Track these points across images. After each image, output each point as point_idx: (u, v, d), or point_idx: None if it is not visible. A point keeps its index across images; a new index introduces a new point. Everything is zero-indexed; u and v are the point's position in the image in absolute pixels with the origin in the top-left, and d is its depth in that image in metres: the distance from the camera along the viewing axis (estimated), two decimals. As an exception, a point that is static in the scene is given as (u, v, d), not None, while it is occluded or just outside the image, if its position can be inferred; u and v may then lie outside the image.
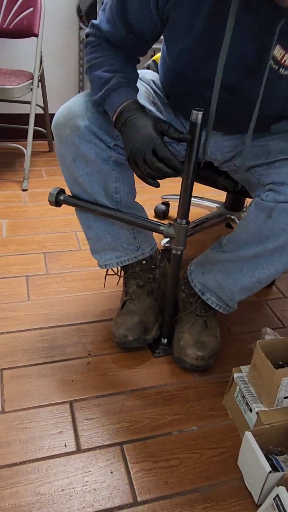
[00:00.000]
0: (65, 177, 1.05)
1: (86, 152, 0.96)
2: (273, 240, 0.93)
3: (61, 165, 1.03)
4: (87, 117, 0.94)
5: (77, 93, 2.50)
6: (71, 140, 0.95)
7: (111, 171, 1.00)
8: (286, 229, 0.90)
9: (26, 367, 1.09)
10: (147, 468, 0.89)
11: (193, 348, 1.07)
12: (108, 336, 1.20)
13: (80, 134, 0.94)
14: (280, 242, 0.92)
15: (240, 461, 0.90)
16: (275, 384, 0.89)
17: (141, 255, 1.15)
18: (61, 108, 0.98)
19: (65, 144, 0.97)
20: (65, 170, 1.03)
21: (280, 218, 0.90)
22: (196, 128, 0.87)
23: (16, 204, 1.85)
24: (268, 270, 0.98)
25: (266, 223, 0.92)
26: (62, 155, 1.00)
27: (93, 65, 0.93)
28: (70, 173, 1.02)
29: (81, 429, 0.95)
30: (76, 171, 0.99)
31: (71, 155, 0.98)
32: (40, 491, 0.83)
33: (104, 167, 0.99)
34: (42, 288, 1.37)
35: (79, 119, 0.94)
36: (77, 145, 0.95)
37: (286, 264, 0.96)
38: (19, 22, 2.01)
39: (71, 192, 1.07)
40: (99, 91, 0.91)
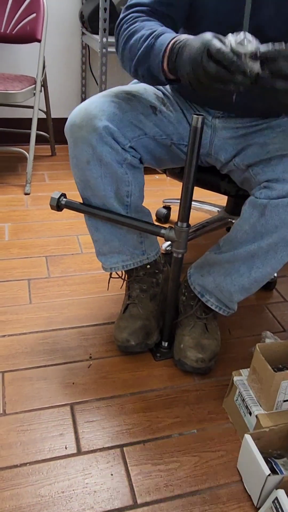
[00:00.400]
0: (76, 179, 1.05)
1: (102, 153, 0.96)
2: (267, 238, 0.94)
3: (74, 167, 1.03)
4: (104, 117, 0.95)
5: (80, 98, 2.54)
6: (89, 141, 0.96)
7: (124, 175, 1.00)
8: (279, 225, 0.91)
9: (28, 370, 1.09)
10: (147, 470, 0.89)
11: (194, 350, 1.08)
12: (109, 339, 1.21)
13: (98, 134, 0.95)
14: (274, 239, 0.93)
15: (240, 464, 0.90)
16: (274, 387, 0.89)
17: (146, 260, 1.16)
18: (76, 109, 0.99)
19: (81, 145, 0.97)
20: (77, 172, 1.02)
21: (273, 215, 0.90)
22: (197, 133, 0.88)
23: (18, 208, 1.86)
24: (264, 269, 0.98)
25: (259, 220, 0.93)
26: (76, 156, 1.00)
27: (134, 31, 0.90)
28: (83, 175, 1.01)
29: (81, 431, 0.96)
30: (89, 173, 0.99)
31: (86, 157, 0.98)
32: (40, 493, 0.84)
33: (118, 170, 0.99)
34: (44, 291, 1.37)
35: (96, 119, 0.95)
36: (94, 146, 0.95)
37: (281, 261, 0.96)
38: (22, 27, 2.03)
39: (81, 195, 1.07)
40: (142, 46, 0.86)
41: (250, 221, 0.95)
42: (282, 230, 0.91)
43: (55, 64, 2.37)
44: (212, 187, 1.29)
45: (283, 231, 0.91)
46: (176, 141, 1.08)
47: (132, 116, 0.99)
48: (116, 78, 2.45)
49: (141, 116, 1.01)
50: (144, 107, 1.02)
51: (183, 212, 0.98)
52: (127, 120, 0.98)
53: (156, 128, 1.04)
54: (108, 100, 0.97)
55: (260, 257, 0.97)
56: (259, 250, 0.96)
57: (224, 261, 1.04)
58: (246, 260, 0.99)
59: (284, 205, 0.89)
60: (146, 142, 1.03)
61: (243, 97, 0.91)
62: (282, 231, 0.91)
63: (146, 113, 1.02)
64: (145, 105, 1.02)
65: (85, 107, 0.97)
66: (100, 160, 0.97)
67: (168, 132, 1.06)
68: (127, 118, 0.98)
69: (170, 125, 1.06)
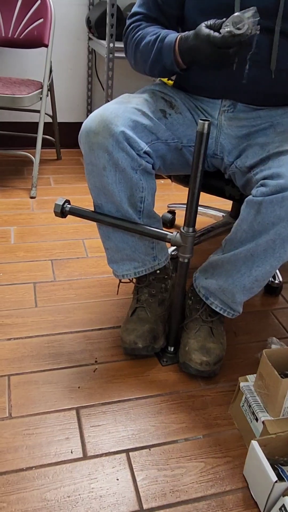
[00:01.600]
0: (91, 186, 1.05)
1: (118, 159, 0.97)
2: (264, 235, 0.93)
3: (89, 173, 1.03)
4: (120, 123, 0.96)
5: (86, 103, 2.56)
6: (105, 146, 0.96)
7: (139, 181, 1.01)
8: (275, 222, 0.90)
9: (33, 373, 1.09)
10: (153, 476, 0.89)
11: (198, 353, 1.08)
12: (114, 343, 1.21)
13: (115, 140, 0.96)
14: (271, 236, 0.93)
15: (246, 471, 0.90)
16: (281, 393, 0.89)
17: (157, 265, 1.16)
18: (91, 116, 1.00)
19: (97, 151, 0.98)
20: (93, 178, 1.03)
21: (268, 212, 0.90)
22: (203, 138, 0.89)
23: (24, 212, 1.87)
24: (264, 267, 0.98)
25: (256, 219, 0.93)
26: (92, 162, 1.00)
27: (140, 39, 1.07)
28: (99, 181, 1.02)
29: (87, 435, 0.96)
30: (105, 179, 1.00)
31: (103, 163, 0.98)
32: (46, 497, 0.84)
33: (133, 176, 1.00)
34: (50, 295, 1.38)
35: (113, 125, 0.96)
36: (110, 151, 0.96)
37: (280, 259, 0.96)
38: (30, 32, 2.05)
39: (94, 202, 1.07)
40: (152, 51, 1.03)
41: (247, 220, 0.96)
42: (278, 227, 0.91)
43: (62, 69, 2.39)
44: (217, 192, 1.29)
45: (279, 228, 0.91)
46: (186, 143, 1.09)
47: (146, 121, 1.00)
48: (122, 83, 2.46)
49: (153, 121, 1.02)
50: (155, 111, 1.03)
51: (189, 217, 0.99)
52: (141, 125, 0.99)
53: (168, 132, 1.05)
54: (122, 107, 0.99)
55: (259, 255, 0.97)
56: (258, 248, 0.96)
57: (226, 262, 1.04)
58: (246, 259, 1.00)
59: (279, 201, 0.88)
60: (159, 147, 1.04)
61: (249, 82, 1.06)
62: (278, 228, 0.91)
63: (157, 117, 1.03)
64: (156, 109, 1.04)
65: (101, 114, 0.98)
66: (116, 166, 0.98)
67: (179, 135, 1.07)
68: (141, 123, 0.99)
69: (181, 127, 1.07)
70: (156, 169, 1.08)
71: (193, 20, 1.03)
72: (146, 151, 1.00)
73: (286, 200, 0.87)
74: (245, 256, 0.99)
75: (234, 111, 1.11)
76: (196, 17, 1.03)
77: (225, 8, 0.99)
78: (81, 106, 2.52)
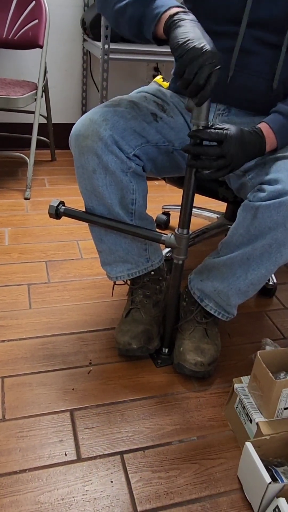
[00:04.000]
0: (82, 188, 1.05)
1: (108, 162, 0.97)
2: (261, 240, 0.94)
3: (79, 176, 1.03)
4: (108, 126, 0.96)
5: (80, 104, 2.55)
6: (95, 150, 0.96)
7: (129, 183, 1.01)
8: (272, 227, 0.91)
9: (27, 375, 1.09)
10: (147, 478, 0.89)
11: (193, 353, 1.08)
12: (109, 345, 1.20)
13: (104, 143, 0.96)
14: (268, 240, 0.93)
15: (240, 472, 0.90)
16: (275, 395, 0.89)
17: (151, 267, 1.16)
18: (81, 119, 1.00)
19: (87, 154, 0.98)
20: (83, 181, 1.03)
21: (265, 216, 0.90)
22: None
23: (19, 213, 1.86)
24: (259, 270, 0.99)
25: (253, 223, 0.93)
26: (82, 166, 1.00)
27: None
28: (89, 184, 1.02)
29: (81, 438, 0.95)
30: (96, 182, 1.00)
31: (92, 166, 0.98)
32: (40, 500, 0.83)
33: (123, 178, 1.00)
34: (44, 296, 1.37)
35: (101, 129, 0.96)
36: (100, 154, 0.96)
37: (276, 263, 0.97)
38: (24, 33, 2.04)
39: (86, 205, 1.07)
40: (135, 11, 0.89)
41: (244, 224, 0.96)
42: (275, 232, 0.91)
43: (57, 70, 2.39)
44: (211, 194, 1.30)
45: (275, 233, 0.91)
46: (178, 146, 1.09)
47: (135, 124, 1.00)
48: (117, 85, 2.46)
49: (143, 124, 1.02)
50: (145, 115, 1.03)
51: (183, 219, 0.99)
52: (131, 128, 0.99)
53: (159, 135, 1.04)
54: (111, 110, 0.98)
55: (256, 259, 0.97)
56: (254, 252, 0.96)
57: (221, 265, 1.05)
58: (242, 263, 1.00)
59: (276, 207, 0.89)
60: (148, 150, 1.03)
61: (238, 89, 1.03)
62: (274, 233, 0.91)
63: (148, 121, 1.03)
64: (147, 113, 1.03)
65: (90, 117, 0.98)
66: (106, 169, 0.98)
67: (170, 138, 1.07)
68: (131, 126, 0.99)
69: (172, 131, 1.07)
70: (148, 171, 1.08)
71: None
72: (135, 154, 1.00)
73: (283, 205, 0.88)
74: (241, 260, 1.00)
75: (229, 115, 1.11)
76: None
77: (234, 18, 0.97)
78: (76, 107, 2.52)
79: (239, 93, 1.05)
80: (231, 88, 1.05)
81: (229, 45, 1.00)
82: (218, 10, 0.99)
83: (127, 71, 2.49)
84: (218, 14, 0.99)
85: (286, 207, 0.87)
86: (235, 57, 1.00)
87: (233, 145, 0.87)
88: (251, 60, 1.01)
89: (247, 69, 1.02)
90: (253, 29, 0.98)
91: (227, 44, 1.00)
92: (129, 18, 0.92)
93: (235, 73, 1.02)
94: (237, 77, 1.03)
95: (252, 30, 0.98)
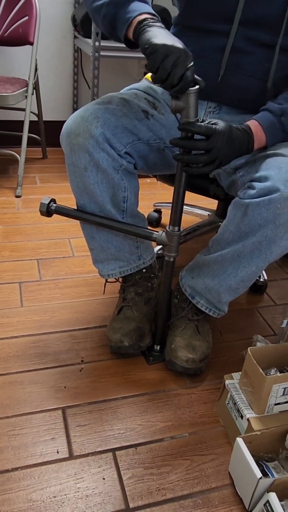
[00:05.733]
0: (73, 186, 1.05)
1: (99, 160, 0.97)
2: (251, 237, 0.94)
3: (71, 174, 1.03)
4: (99, 124, 0.96)
5: (71, 102, 2.54)
6: (86, 147, 0.96)
7: (121, 181, 1.01)
8: (262, 224, 0.91)
9: (19, 374, 1.09)
10: (139, 474, 0.89)
11: (184, 350, 1.09)
12: (101, 342, 1.20)
13: (95, 141, 0.96)
14: (258, 238, 0.93)
15: (231, 468, 0.91)
16: (265, 391, 0.90)
17: (143, 264, 1.17)
18: (72, 117, 1.00)
19: (78, 152, 0.98)
20: (75, 179, 1.03)
21: (255, 214, 0.91)
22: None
23: (10, 211, 1.85)
24: (250, 268, 0.99)
25: (243, 220, 0.94)
26: (74, 163, 1.00)
27: None
28: (81, 182, 1.02)
29: (73, 435, 0.96)
30: (87, 180, 1.00)
31: (84, 164, 0.98)
32: (32, 498, 0.83)
33: (115, 176, 1.00)
34: (35, 294, 1.37)
35: (92, 126, 0.96)
36: (91, 152, 0.96)
37: (266, 260, 0.97)
38: (15, 30, 2.03)
39: (77, 202, 1.07)
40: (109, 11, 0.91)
41: (234, 222, 0.96)
42: (265, 229, 0.92)
43: (47, 67, 2.37)
44: (202, 191, 1.30)
45: (265, 230, 0.92)
46: (168, 144, 1.09)
47: (127, 122, 1.00)
48: (108, 82, 2.46)
49: (135, 121, 1.02)
50: (137, 112, 1.03)
51: (174, 216, 0.99)
52: (122, 125, 0.99)
53: (150, 132, 1.04)
54: (102, 107, 0.98)
55: (246, 256, 0.98)
56: (244, 249, 0.97)
57: (212, 262, 1.05)
58: (232, 260, 1.00)
59: (266, 204, 0.89)
60: (140, 147, 1.03)
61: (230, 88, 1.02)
62: (264, 230, 0.92)
63: (139, 118, 1.03)
64: (138, 110, 1.03)
65: (81, 115, 0.98)
66: (97, 167, 0.98)
67: (161, 136, 1.07)
68: (122, 124, 0.99)
69: (163, 128, 1.07)
70: (139, 169, 1.08)
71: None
72: (127, 152, 1.00)
73: (273, 202, 0.88)
74: (231, 257, 1.00)
75: (220, 112, 1.11)
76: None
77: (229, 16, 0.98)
78: (67, 104, 2.51)
79: (231, 92, 1.06)
80: (223, 87, 1.05)
81: (221, 43, 1.00)
82: (213, 7, 0.99)
83: (118, 69, 2.49)
84: (212, 11, 0.99)
85: (276, 205, 0.88)
86: (226, 56, 1.00)
87: (221, 139, 0.87)
88: (243, 59, 1.01)
89: (240, 68, 1.02)
90: (246, 28, 0.98)
91: (218, 43, 1.00)
92: (103, 17, 0.94)
93: (227, 72, 1.02)
94: (229, 76, 1.03)
95: (245, 29, 0.98)
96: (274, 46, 0.99)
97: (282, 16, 0.95)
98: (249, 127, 0.94)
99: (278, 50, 0.99)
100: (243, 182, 1.00)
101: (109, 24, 0.93)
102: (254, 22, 0.97)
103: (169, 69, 0.79)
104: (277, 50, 0.99)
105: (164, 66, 0.78)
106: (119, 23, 0.90)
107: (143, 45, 0.82)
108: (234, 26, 0.98)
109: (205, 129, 0.86)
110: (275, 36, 0.98)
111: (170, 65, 0.78)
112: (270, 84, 1.02)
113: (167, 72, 0.79)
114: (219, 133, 0.87)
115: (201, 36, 1.02)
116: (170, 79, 0.79)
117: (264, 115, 0.96)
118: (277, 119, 0.96)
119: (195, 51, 0.83)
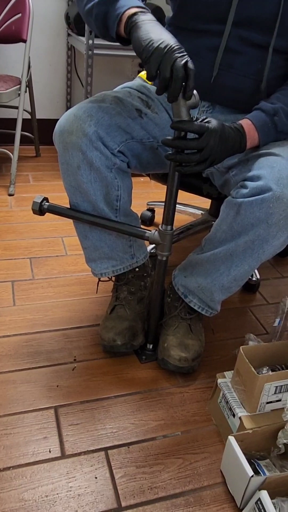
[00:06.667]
0: (66, 185, 1.05)
1: (92, 158, 0.97)
2: (244, 236, 0.95)
3: (64, 172, 1.03)
4: (93, 122, 0.96)
5: (65, 99, 2.53)
6: (79, 146, 0.96)
7: (114, 180, 1.01)
8: (255, 223, 0.91)
9: (11, 373, 1.08)
10: (132, 473, 0.90)
11: (177, 349, 1.09)
12: (93, 341, 1.20)
13: (88, 139, 0.95)
14: (250, 237, 0.94)
15: (223, 466, 0.91)
16: (257, 389, 0.90)
17: (136, 263, 1.17)
18: (65, 115, 0.99)
19: (71, 150, 0.97)
20: (68, 177, 1.02)
21: (247, 213, 0.91)
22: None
23: (2, 209, 1.84)
24: (242, 266, 0.99)
25: (236, 219, 0.94)
26: (67, 162, 1.00)
27: None
28: (74, 180, 1.01)
29: (65, 434, 0.95)
30: (80, 178, 1.00)
31: (77, 162, 0.98)
32: (24, 497, 0.83)
33: (108, 175, 1.00)
34: (28, 293, 1.36)
35: (86, 125, 0.95)
36: (84, 150, 0.96)
37: (258, 259, 0.98)
38: (7, 27, 2.01)
39: (70, 201, 1.07)
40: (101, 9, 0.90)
41: (227, 221, 0.97)
42: (257, 228, 0.92)
43: (41, 64, 2.36)
44: (195, 190, 1.30)
45: (258, 229, 0.92)
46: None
47: (120, 120, 1.00)
48: (102, 80, 2.45)
49: (128, 120, 1.01)
50: (130, 111, 1.03)
51: (167, 215, 0.99)
52: (115, 124, 0.99)
53: (143, 131, 1.04)
54: (95, 106, 0.98)
55: (239, 255, 0.98)
56: (237, 248, 0.97)
57: (205, 261, 1.05)
58: (225, 259, 1.01)
59: (258, 203, 0.89)
60: (133, 146, 1.03)
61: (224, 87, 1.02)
62: (257, 229, 0.92)
63: (132, 117, 1.03)
64: (131, 109, 1.03)
65: (74, 113, 0.97)
66: (91, 165, 0.98)
67: (154, 135, 1.07)
68: (115, 122, 0.99)
69: (156, 127, 1.07)
70: (132, 167, 1.08)
71: None
72: (120, 150, 1.00)
73: (265, 202, 0.89)
74: (224, 256, 1.00)
75: (213, 112, 1.11)
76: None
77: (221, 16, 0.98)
78: (60, 102, 2.50)
79: (224, 92, 1.06)
80: (216, 87, 1.05)
81: (214, 43, 1.00)
82: (206, 8, 0.99)
83: (112, 67, 2.48)
84: (205, 12, 0.99)
85: (268, 204, 0.88)
86: (219, 56, 1.00)
87: (213, 137, 0.87)
88: (237, 60, 1.01)
89: (233, 68, 1.02)
90: (239, 29, 0.98)
91: (212, 43, 1.00)
92: (95, 18, 0.93)
93: (221, 72, 1.02)
94: (222, 76, 1.03)
95: (238, 29, 0.98)
96: (267, 46, 0.99)
97: (275, 17, 0.96)
98: (241, 126, 0.94)
99: (271, 51, 0.99)
100: (236, 181, 1.00)
101: (101, 23, 0.93)
102: (247, 23, 0.97)
103: (168, 75, 0.78)
104: (270, 51, 0.99)
105: (165, 73, 0.78)
106: (110, 21, 0.90)
107: (136, 49, 0.81)
108: (227, 27, 0.98)
109: (198, 127, 0.86)
110: (268, 37, 0.98)
111: (170, 70, 0.78)
112: (263, 84, 1.02)
113: (168, 77, 0.78)
114: (211, 131, 0.87)
115: (194, 36, 1.02)
116: (174, 85, 0.79)
117: (257, 114, 0.96)
118: (270, 118, 0.96)
119: (189, 51, 0.82)
